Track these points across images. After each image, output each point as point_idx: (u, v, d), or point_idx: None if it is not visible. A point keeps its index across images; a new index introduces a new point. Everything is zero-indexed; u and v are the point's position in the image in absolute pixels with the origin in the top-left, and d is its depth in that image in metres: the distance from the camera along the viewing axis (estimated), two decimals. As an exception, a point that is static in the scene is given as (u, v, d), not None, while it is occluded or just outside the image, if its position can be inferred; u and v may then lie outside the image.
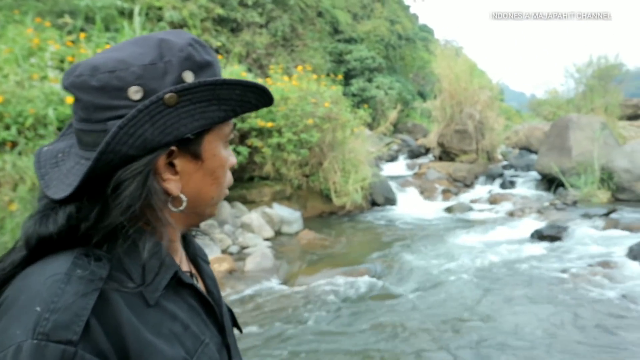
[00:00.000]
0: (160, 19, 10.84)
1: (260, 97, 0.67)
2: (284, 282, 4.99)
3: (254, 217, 6.53)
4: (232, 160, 0.73)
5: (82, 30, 7.06)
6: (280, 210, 7.17)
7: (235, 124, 0.72)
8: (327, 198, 8.15)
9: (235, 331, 0.86)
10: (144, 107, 0.57)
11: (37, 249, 0.60)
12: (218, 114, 0.63)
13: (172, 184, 0.64)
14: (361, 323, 3.94)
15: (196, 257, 0.81)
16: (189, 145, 0.63)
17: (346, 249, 6.26)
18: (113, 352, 0.54)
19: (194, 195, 0.67)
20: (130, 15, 8.76)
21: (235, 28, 13.77)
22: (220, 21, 13.34)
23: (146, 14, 9.52)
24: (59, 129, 4.80)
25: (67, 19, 6.88)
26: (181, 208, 0.66)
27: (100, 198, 0.59)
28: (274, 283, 4.93)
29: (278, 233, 6.85)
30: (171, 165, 0.64)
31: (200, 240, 0.86)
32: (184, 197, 0.66)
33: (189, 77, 0.62)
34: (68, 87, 0.61)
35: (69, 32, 6.74)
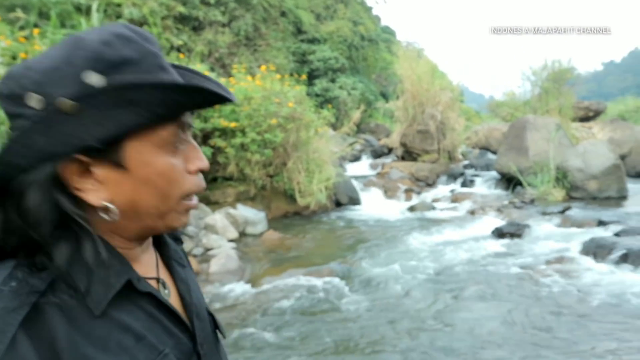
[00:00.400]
0: (119, 15, 10.54)
1: (196, 97, 0.60)
2: (249, 284, 4.93)
3: (217, 218, 6.44)
4: (198, 164, 0.66)
5: (35, 25, 6.79)
6: (244, 211, 7.10)
7: (187, 126, 0.65)
8: (292, 198, 8.12)
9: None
10: (38, 118, 0.53)
11: None
12: (134, 118, 0.56)
13: (91, 194, 0.59)
14: (325, 323, 3.94)
15: (171, 261, 0.77)
16: (105, 154, 0.57)
17: (311, 249, 6.25)
18: None
19: (128, 205, 0.61)
20: (87, 12, 8.50)
21: (197, 27, 13.55)
22: (182, 19, 13.09)
23: (104, 11, 9.25)
24: (12, 128, 4.59)
25: (20, 13, 6.61)
26: (115, 218, 0.61)
27: (3, 206, 0.56)
28: (238, 285, 4.88)
29: (242, 234, 6.78)
30: (89, 172, 0.59)
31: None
32: (112, 207, 0.60)
33: (93, 79, 0.55)
34: None
35: (22, 28, 6.47)
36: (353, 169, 12.47)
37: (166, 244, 0.78)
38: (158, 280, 0.71)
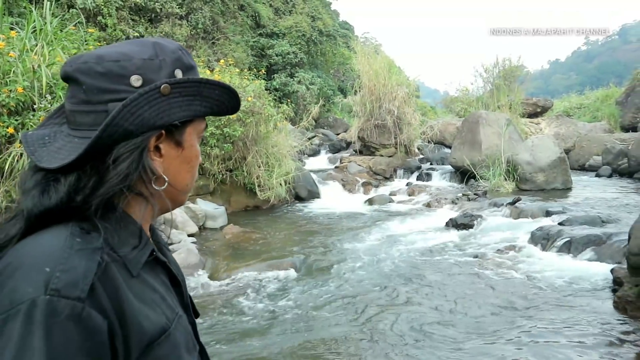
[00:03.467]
0: (72, 5, 10.20)
1: (231, 101, 0.77)
2: (210, 277, 4.95)
3: (177, 212, 6.40)
4: (200, 158, 0.83)
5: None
6: (204, 205, 7.08)
7: (207, 125, 0.82)
8: (252, 192, 8.15)
9: None
10: (145, 92, 0.67)
11: (36, 222, 0.65)
12: (200, 108, 0.73)
13: (157, 165, 0.72)
14: (285, 315, 4.01)
15: (159, 244, 0.86)
16: (174, 133, 0.73)
17: (271, 242, 6.31)
18: (113, 312, 0.61)
19: (172, 178, 0.75)
20: (36, 0, 8.19)
21: (153, 18, 13.26)
22: (138, 11, 12.79)
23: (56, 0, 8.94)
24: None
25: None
26: (163, 187, 0.73)
27: (97, 170, 0.67)
28: (199, 278, 4.89)
29: (202, 228, 6.76)
30: (157, 148, 0.72)
31: None
32: (166, 178, 0.74)
33: (179, 74, 0.73)
34: (72, 72, 0.69)
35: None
36: (312, 163, 12.56)
37: (154, 229, 0.86)
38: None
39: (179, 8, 13.67)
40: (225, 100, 0.77)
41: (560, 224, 6.08)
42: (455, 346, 3.39)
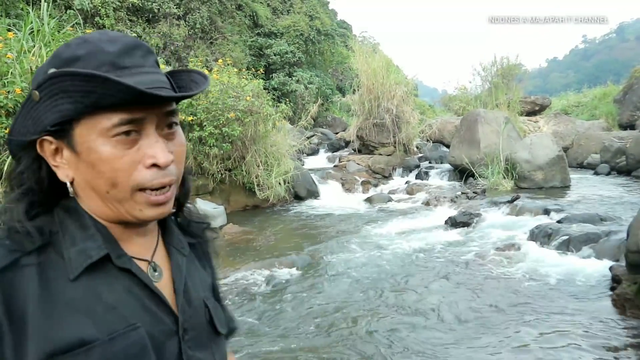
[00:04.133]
0: (69, 6, 10.19)
1: (109, 87, 0.62)
2: (210, 277, 4.95)
3: (176, 212, 6.40)
4: (152, 159, 0.68)
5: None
6: (203, 205, 7.08)
7: (130, 120, 0.66)
8: (251, 192, 8.15)
9: None
10: (22, 106, 0.68)
11: None
12: (68, 106, 0.64)
13: (60, 171, 0.70)
14: (285, 314, 4.01)
15: (170, 247, 0.81)
16: (63, 137, 0.68)
17: (270, 242, 6.31)
18: (6, 316, 0.62)
19: (85, 185, 0.70)
20: (34, 1, 8.20)
21: (151, 19, 13.26)
22: (136, 11, 12.79)
23: (53, 1, 8.94)
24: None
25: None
26: (70, 193, 0.71)
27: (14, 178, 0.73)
28: (199, 278, 4.88)
29: (201, 228, 6.75)
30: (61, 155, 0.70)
31: None
32: (68, 183, 0.70)
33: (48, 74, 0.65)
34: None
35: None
36: (311, 162, 12.58)
37: (171, 232, 0.83)
38: (149, 262, 0.76)
39: (176, 8, 13.67)
40: (97, 89, 0.62)
41: (558, 221, 6.08)
42: (453, 345, 3.40)
